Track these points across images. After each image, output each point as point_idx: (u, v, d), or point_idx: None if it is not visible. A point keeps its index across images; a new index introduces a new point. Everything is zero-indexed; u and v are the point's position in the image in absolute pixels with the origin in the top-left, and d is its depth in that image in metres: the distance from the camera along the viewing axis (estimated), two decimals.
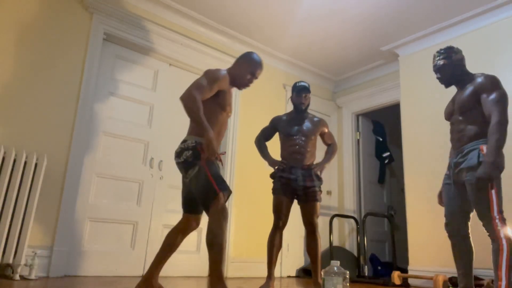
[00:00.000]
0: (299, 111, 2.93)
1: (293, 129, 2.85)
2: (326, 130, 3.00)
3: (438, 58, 2.40)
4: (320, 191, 2.79)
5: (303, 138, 2.84)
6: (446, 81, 2.41)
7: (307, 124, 2.89)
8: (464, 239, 2.24)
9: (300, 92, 2.90)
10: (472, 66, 3.59)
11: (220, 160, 2.09)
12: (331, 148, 2.99)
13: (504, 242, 1.98)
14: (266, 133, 3.01)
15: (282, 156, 2.89)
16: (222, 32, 4.04)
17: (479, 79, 2.25)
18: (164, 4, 3.62)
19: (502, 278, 1.95)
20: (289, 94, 4.63)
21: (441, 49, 2.43)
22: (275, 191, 2.82)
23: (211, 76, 2.10)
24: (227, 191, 1.96)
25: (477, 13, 3.56)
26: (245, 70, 2.28)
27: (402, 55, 4.19)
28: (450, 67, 2.37)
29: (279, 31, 4.03)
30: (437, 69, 2.41)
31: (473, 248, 2.25)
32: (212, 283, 1.84)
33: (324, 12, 3.66)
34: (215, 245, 1.85)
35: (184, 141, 2.09)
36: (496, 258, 2.00)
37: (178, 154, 2.07)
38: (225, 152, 2.37)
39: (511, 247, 1.98)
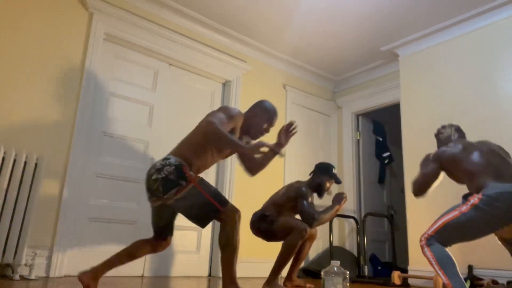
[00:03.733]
0: (319, 195, 3.02)
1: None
2: None
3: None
4: None
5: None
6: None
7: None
8: None
9: (332, 182, 2.99)
10: (472, 66, 3.59)
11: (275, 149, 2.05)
12: None
13: None
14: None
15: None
16: (222, 32, 4.04)
17: None
18: (164, 4, 3.62)
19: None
20: (289, 94, 4.63)
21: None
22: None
23: (228, 112, 2.08)
24: (226, 204, 1.91)
25: (477, 13, 3.56)
26: (262, 119, 2.25)
27: (402, 55, 4.19)
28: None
29: (279, 31, 4.03)
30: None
31: None
32: (225, 284, 1.85)
33: (324, 12, 3.66)
34: (229, 246, 1.85)
35: (165, 159, 1.98)
36: None
37: (158, 170, 1.92)
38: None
39: None
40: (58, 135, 2.95)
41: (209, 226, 3.74)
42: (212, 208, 1.89)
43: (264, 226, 2.82)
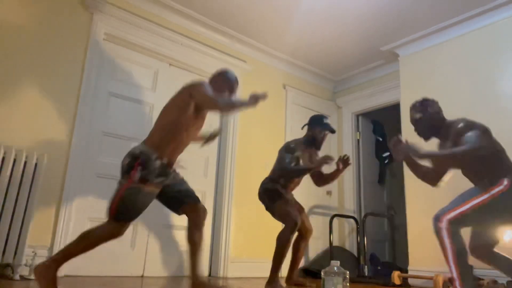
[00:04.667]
0: (316, 147, 3.04)
1: (314, 164, 2.87)
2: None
3: (415, 111, 2.42)
4: None
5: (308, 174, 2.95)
6: (423, 134, 2.43)
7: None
8: None
9: (327, 131, 3.01)
10: (472, 66, 3.59)
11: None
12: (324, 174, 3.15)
13: None
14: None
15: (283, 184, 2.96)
16: (222, 32, 4.04)
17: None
18: (164, 4, 3.62)
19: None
20: (289, 94, 4.63)
21: (417, 102, 2.44)
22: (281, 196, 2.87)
23: (205, 83, 2.18)
24: (123, 222, 1.88)
25: (477, 13, 3.56)
26: (223, 88, 2.35)
27: (402, 55, 4.19)
28: (426, 120, 2.38)
29: (279, 31, 4.03)
30: (414, 122, 2.44)
31: None
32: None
33: (324, 12, 3.66)
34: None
35: (134, 147, 2.02)
36: None
37: (125, 156, 1.98)
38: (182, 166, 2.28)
39: None
40: (58, 135, 2.95)
41: (208, 226, 3.74)
42: (110, 208, 1.89)
43: (266, 202, 2.89)
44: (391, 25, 3.84)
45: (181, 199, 2.11)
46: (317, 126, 3.02)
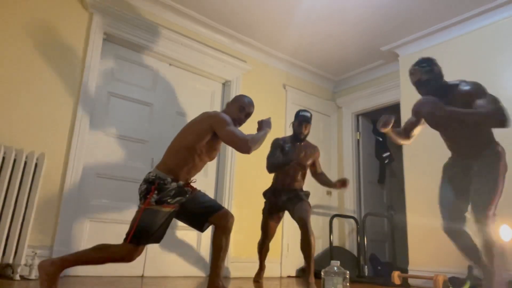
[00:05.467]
0: (298, 140, 3.19)
1: (290, 156, 3.08)
2: (319, 159, 3.30)
3: (421, 71, 2.28)
4: (305, 199, 3.08)
5: (297, 167, 3.13)
6: (428, 94, 2.33)
7: (304, 153, 3.15)
8: None
9: (301, 122, 3.15)
10: (472, 66, 3.59)
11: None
12: (325, 176, 3.30)
13: None
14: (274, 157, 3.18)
15: (274, 178, 3.24)
16: (222, 32, 4.04)
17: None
18: (164, 4, 3.62)
19: None
20: (289, 94, 4.64)
21: (421, 61, 2.30)
22: (263, 211, 3.22)
23: (227, 118, 2.19)
24: (138, 245, 1.95)
25: (477, 13, 3.56)
26: (234, 108, 2.39)
27: (402, 55, 4.19)
28: (434, 81, 2.27)
29: (279, 31, 4.03)
30: (420, 83, 2.29)
31: None
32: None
33: (324, 12, 3.66)
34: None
35: (149, 173, 2.10)
36: None
37: (141, 183, 2.07)
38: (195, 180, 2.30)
39: None
40: (58, 135, 2.95)
41: (211, 227, 3.73)
42: (129, 232, 1.96)
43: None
44: (391, 25, 3.84)
45: (209, 211, 2.18)
46: (294, 121, 3.22)
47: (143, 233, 1.95)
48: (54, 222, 2.83)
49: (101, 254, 1.92)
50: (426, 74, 2.26)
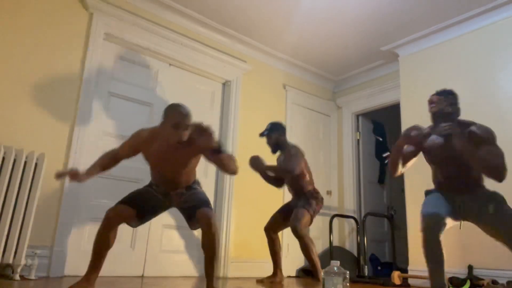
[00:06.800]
0: (272, 153, 3.38)
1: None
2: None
3: (447, 102, 2.23)
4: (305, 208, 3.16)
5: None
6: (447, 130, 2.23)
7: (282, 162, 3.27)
8: None
9: (262, 136, 3.35)
10: (472, 66, 3.59)
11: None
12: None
13: None
14: None
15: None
16: (222, 32, 4.04)
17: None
18: (164, 4, 3.62)
19: None
20: (289, 94, 4.64)
21: (447, 93, 2.26)
22: None
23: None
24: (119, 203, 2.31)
25: (477, 13, 3.56)
26: (169, 127, 2.14)
27: (402, 55, 4.19)
28: (455, 116, 2.23)
29: (280, 31, 4.03)
30: (442, 114, 2.23)
31: None
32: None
33: (324, 12, 3.66)
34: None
35: None
36: None
37: None
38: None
39: None
40: (58, 134, 2.95)
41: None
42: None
43: None
44: (391, 25, 3.84)
45: (192, 212, 2.22)
46: None
47: (127, 196, 2.38)
48: (54, 222, 2.83)
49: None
50: (451, 107, 2.25)
